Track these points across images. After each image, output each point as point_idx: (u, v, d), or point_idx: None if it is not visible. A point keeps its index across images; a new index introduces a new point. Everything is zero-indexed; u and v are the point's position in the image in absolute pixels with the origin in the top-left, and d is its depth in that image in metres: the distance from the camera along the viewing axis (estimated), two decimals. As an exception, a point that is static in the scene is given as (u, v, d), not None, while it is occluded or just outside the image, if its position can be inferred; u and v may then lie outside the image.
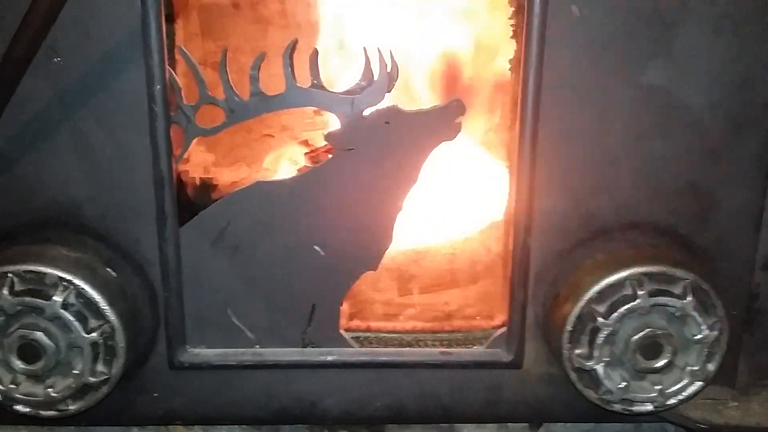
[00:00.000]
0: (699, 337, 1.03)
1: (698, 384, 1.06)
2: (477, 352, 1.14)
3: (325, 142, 1.05)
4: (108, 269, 1.05)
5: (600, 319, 1.02)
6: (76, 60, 0.98)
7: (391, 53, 1.00)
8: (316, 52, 1.01)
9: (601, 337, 1.03)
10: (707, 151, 1.05)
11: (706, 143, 1.04)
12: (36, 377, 1.02)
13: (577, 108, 1.02)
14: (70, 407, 1.04)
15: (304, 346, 1.12)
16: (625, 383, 1.05)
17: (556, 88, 1.00)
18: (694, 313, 1.02)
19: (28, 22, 0.89)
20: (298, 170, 1.09)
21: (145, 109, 0.99)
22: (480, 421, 1.21)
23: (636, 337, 1.02)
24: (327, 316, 1.11)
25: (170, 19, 1.03)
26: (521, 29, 0.98)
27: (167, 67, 0.98)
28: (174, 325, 1.09)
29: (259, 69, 1.00)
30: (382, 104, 1.02)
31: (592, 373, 1.05)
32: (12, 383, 1.02)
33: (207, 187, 1.14)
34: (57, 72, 0.98)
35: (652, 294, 1.01)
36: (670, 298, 1.01)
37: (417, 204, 1.10)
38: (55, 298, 0.99)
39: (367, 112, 1.02)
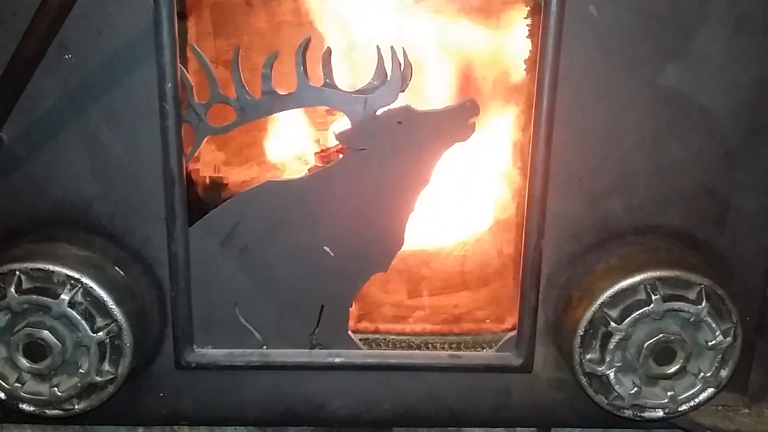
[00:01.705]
0: (713, 342, 1.03)
1: (710, 390, 1.05)
2: (486, 355, 1.13)
3: (337, 142, 1.05)
4: (116, 268, 1.04)
5: (612, 324, 1.01)
6: (87, 57, 0.98)
7: (404, 52, 1.00)
8: (329, 51, 1.00)
9: (613, 342, 1.02)
10: (723, 154, 1.04)
11: (723, 146, 1.04)
12: (42, 376, 1.02)
13: (592, 109, 1.01)
14: (76, 406, 1.04)
15: (312, 348, 1.11)
16: (637, 389, 1.05)
17: (572, 88, 0.99)
18: (709, 319, 1.01)
19: (39, 19, 0.89)
20: (308, 170, 1.08)
21: (156, 108, 0.99)
22: (488, 425, 1.20)
23: (649, 342, 1.02)
24: (336, 317, 1.10)
25: (182, 17, 1.02)
26: (537, 29, 0.98)
27: (179, 65, 0.98)
28: (181, 324, 1.08)
29: (271, 68, 0.99)
30: (395, 104, 1.02)
31: (603, 378, 1.04)
32: (17, 382, 1.02)
33: (217, 186, 1.13)
34: (68, 69, 0.98)
35: (666, 299, 1.01)
36: (684, 303, 1.01)
37: (429, 205, 1.09)
38: (62, 296, 0.98)
39: (379, 112, 1.02)
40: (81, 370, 1.01)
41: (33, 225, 1.05)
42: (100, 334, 1.00)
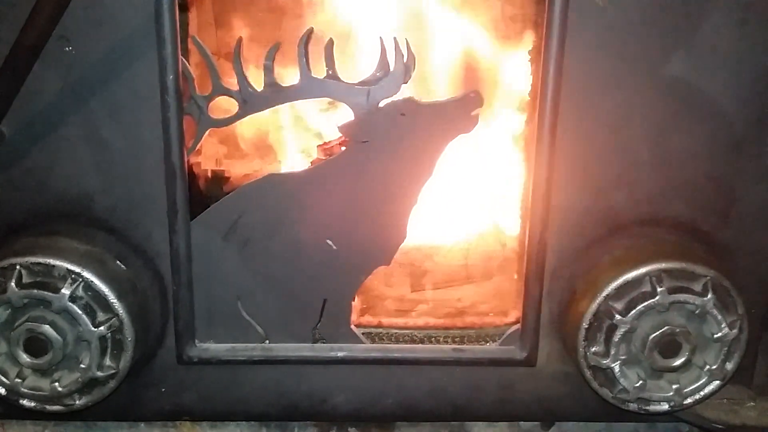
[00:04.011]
0: (718, 335, 1.02)
1: (716, 383, 1.05)
2: (490, 349, 1.13)
3: (339, 134, 1.04)
4: (118, 262, 1.04)
5: (617, 317, 1.01)
6: (88, 49, 0.97)
7: (407, 43, 0.99)
8: (331, 42, 0.99)
9: (618, 335, 1.02)
10: (729, 145, 1.04)
11: (728, 137, 1.03)
12: (42, 371, 1.01)
13: (597, 100, 1.01)
14: (77, 402, 1.03)
15: (315, 342, 1.11)
16: (642, 382, 1.04)
17: (576, 79, 0.99)
18: (714, 311, 1.01)
19: (40, 10, 0.88)
20: (311, 163, 1.07)
21: (158, 100, 0.98)
22: (492, 419, 1.19)
23: (654, 335, 1.01)
24: (338, 311, 1.10)
25: (184, 8, 1.02)
26: (542, 19, 0.97)
27: (180, 57, 0.97)
28: (183, 319, 1.08)
29: (273, 59, 0.98)
30: (398, 95, 1.01)
31: (607, 371, 1.04)
32: (18, 377, 1.01)
33: (219, 179, 1.13)
34: (68, 61, 0.97)
35: (672, 291, 1.00)
36: (689, 296, 1.00)
37: (432, 198, 1.08)
38: (63, 290, 0.98)
39: (382, 104, 1.01)
40: (82, 365, 1.01)
41: (34, 219, 1.04)
42: (102, 328, 0.99)
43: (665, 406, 1.06)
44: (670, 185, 1.05)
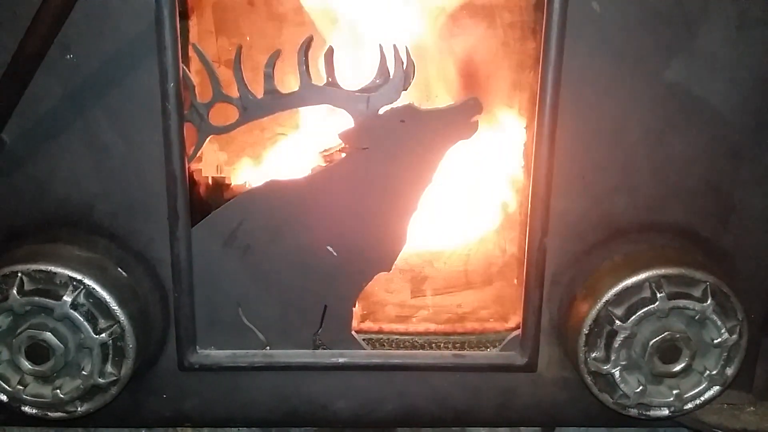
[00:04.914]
0: (718, 340, 1.02)
1: (716, 388, 1.05)
2: (490, 354, 1.13)
3: (340, 141, 1.04)
4: (119, 269, 1.04)
5: (617, 322, 1.01)
6: (89, 57, 0.97)
7: (407, 50, 0.99)
8: (331, 50, 1.00)
9: (618, 341, 1.02)
10: (728, 150, 1.04)
11: (727, 143, 1.03)
12: (44, 378, 1.02)
13: (595, 106, 1.01)
14: (79, 409, 1.03)
15: (316, 348, 1.11)
16: (642, 387, 1.04)
17: (575, 86, 0.99)
18: (714, 317, 1.01)
19: (41, 18, 0.88)
20: (311, 169, 1.07)
21: (158, 107, 0.98)
22: (493, 424, 1.19)
23: (654, 340, 1.01)
24: (339, 317, 1.10)
25: (184, 16, 1.02)
26: (540, 25, 0.97)
27: (181, 64, 0.97)
28: (184, 325, 1.08)
29: (273, 67, 0.99)
30: (398, 102, 1.01)
31: (608, 377, 1.04)
32: (20, 384, 1.02)
33: (219, 186, 1.13)
34: (69, 69, 0.98)
35: (671, 297, 1.00)
36: (689, 301, 1.00)
37: (432, 204, 1.08)
38: (64, 298, 0.98)
39: (382, 111, 1.01)
40: (84, 372, 1.01)
41: (35, 226, 1.04)
42: (103, 335, 0.99)
43: (665, 412, 1.06)
44: (668, 191, 1.05)
